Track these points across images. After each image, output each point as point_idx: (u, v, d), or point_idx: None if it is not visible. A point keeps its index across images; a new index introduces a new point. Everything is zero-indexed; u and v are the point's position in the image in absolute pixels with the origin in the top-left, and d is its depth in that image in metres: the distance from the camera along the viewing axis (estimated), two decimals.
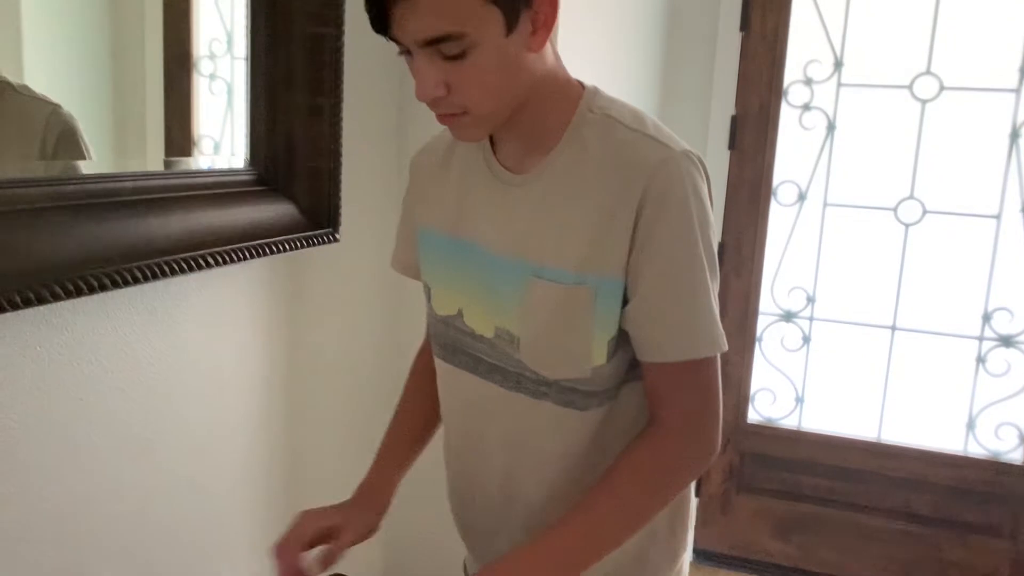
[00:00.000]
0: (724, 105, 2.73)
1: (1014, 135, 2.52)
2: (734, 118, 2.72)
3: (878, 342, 2.74)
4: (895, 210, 2.65)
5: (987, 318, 2.62)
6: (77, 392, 1.09)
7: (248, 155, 1.41)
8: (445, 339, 1.12)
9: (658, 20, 2.63)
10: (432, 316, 1.14)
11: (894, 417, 2.76)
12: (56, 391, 1.06)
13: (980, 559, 2.68)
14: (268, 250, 1.34)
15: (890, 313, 2.71)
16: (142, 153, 1.29)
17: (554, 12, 0.92)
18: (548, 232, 1.00)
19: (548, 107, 1.00)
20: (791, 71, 2.67)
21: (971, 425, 2.69)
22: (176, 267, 1.15)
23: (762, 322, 2.83)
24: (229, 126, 1.41)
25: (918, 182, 2.62)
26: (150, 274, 1.10)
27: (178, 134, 1.34)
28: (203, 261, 1.20)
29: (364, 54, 1.54)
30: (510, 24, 0.89)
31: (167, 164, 1.30)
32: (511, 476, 1.11)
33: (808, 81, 2.68)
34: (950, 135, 2.59)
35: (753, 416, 2.88)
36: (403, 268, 1.24)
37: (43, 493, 1.06)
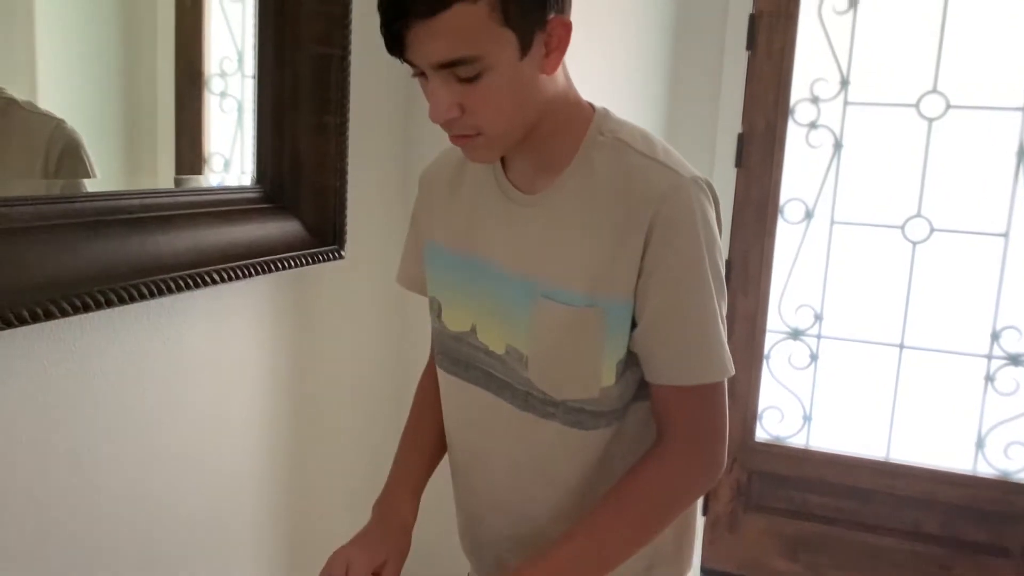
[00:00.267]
0: (731, 123, 2.74)
1: (1021, 153, 2.52)
2: (741, 136, 2.73)
3: (886, 360, 2.73)
4: (902, 228, 2.65)
5: (995, 336, 2.61)
6: (84, 407, 1.10)
7: (255, 173, 1.42)
8: (457, 355, 1.12)
9: (665, 40, 2.65)
10: (443, 332, 1.14)
11: (903, 436, 2.74)
12: (63, 406, 1.07)
13: None
14: (274, 267, 1.35)
15: (898, 331, 2.71)
16: (153, 170, 1.31)
17: (567, 35, 0.93)
18: (557, 253, 1.00)
19: (560, 128, 1.00)
20: (797, 89, 2.68)
21: (980, 444, 2.67)
22: (183, 283, 1.16)
23: (769, 340, 2.82)
24: (239, 143, 1.43)
25: (925, 200, 2.62)
26: (157, 290, 1.11)
27: (189, 151, 1.36)
28: (209, 278, 1.21)
29: (370, 74, 1.56)
30: (524, 47, 0.90)
31: (177, 182, 1.32)
32: (518, 492, 1.11)
33: (815, 99, 2.69)
34: (957, 153, 2.59)
35: (761, 434, 2.87)
36: (409, 283, 1.24)
37: (49, 507, 1.07)
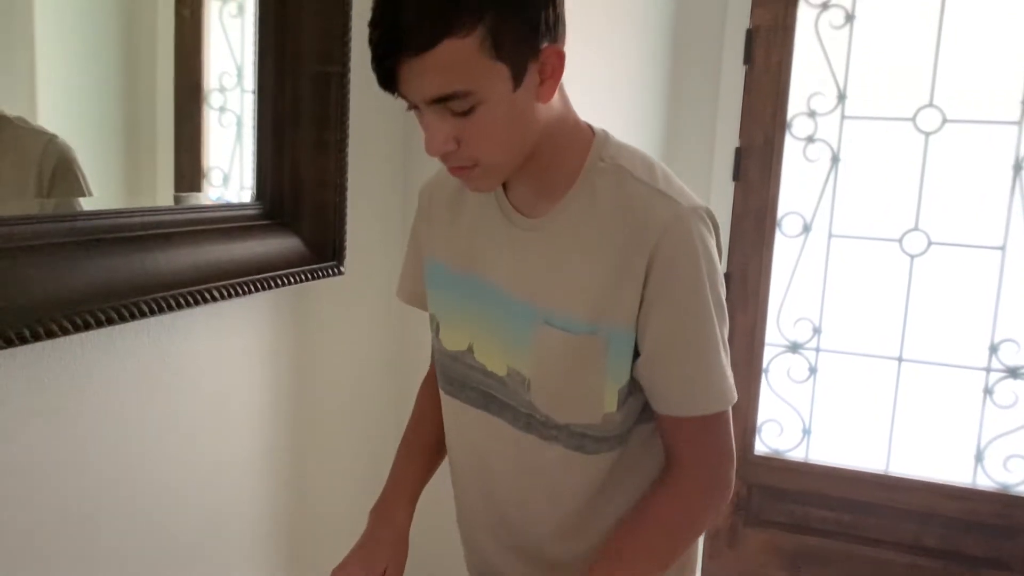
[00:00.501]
0: (728, 137, 2.75)
1: (1017, 167, 2.53)
2: (738, 150, 2.74)
3: (885, 373, 2.74)
4: (900, 241, 2.65)
5: (994, 349, 2.62)
6: (85, 424, 1.10)
7: (255, 189, 1.43)
8: (453, 374, 1.12)
9: (663, 54, 2.66)
10: (440, 351, 1.14)
11: (902, 449, 2.74)
12: (64, 424, 1.07)
13: None
14: (274, 283, 1.35)
15: (896, 344, 2.71)
16: (152, 185, 1.31)
17: (561, 63, 0.93)
18: (558, 279, 1.00)
19: (559, 153, 1.00)
20: (795, 104, 2.69)
21: (979, 457, 2.67)
22: (183, 301, 1.16)
23: (768, 353, 2.83)
24: (238, 158, 1.43)
25: (923, 213, 2.62)
26: (157, 308, 1.11)
27: (188, 166, 1.36)
28: (209, 295, 1.21)
29: (369, 91, 1.55)
30: (517, 78, 0.89)
31: (177, 198, 1.32)
32: (520, 509, 1.11)
33: (812, 113, 2.70)
34: (954, 167, 2.60)
35: (760, 448, 2.87)
36: (410, 298, 1.24)
37: (51, 525, 1.07)
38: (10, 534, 1.01)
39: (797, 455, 2.85)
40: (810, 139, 2.71)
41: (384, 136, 1.70)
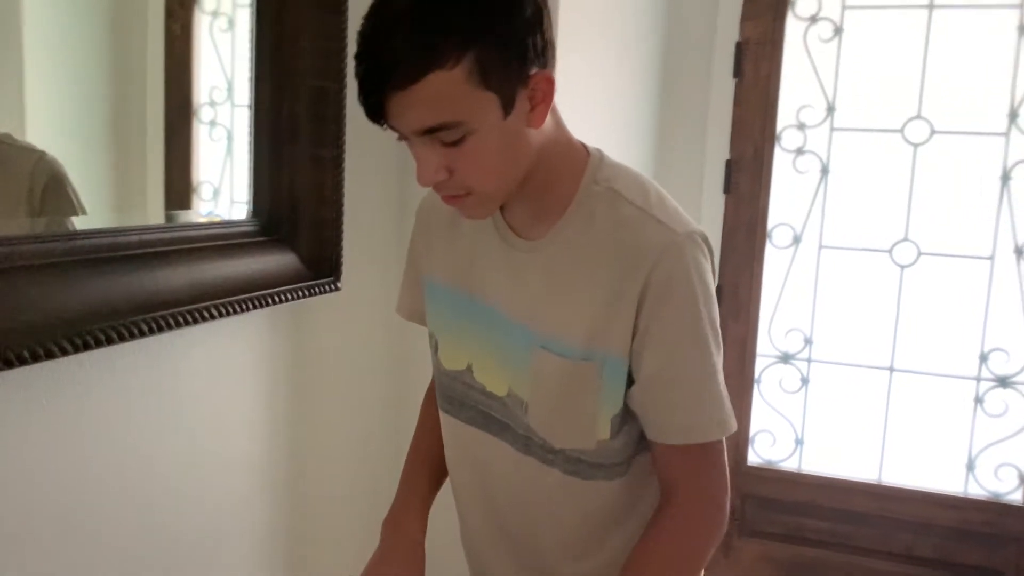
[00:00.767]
0: (719, 150, 2.76)
1: (1005, 177, 2.55)
2: (728, 162, 2.76)
3: (876, 383, 2.75)
4: (890, 252, 2.67)
5: (984, 359, 2.63)
6: (83, 445, 1.09)
7: (251, 206, 1.42)
8: (452, 393, 1.12)
9: (653, 68, 2.67)
10: (439, 370, 1.13)
11: (894, 459, 2.75)
12: (62, 444, 1.06)
13: None
14: (271, 300, 1.35)
15: (887, 354, 2.72)
16: (143, 202, 1.30)
17: (551, 88, 0.91)
18: (555, 303, 0.99)
19: (553, 174, 0.99)
20: (784, 116, 2.71)
21: (971, 466, 2.68)
22: (180, 320, 1.15)
23: (760, 364, 2.83)
24: (228, 172, 1.43)
25: (912, 224, 2.64)
26: (155, 327, 1.11)
27: (179, 181, 1.36)
28: (208, 313, 1.21)
29: None
30: (507, 106, 0.88)
31: (168, 216, 1.32)
32: (522, 528, 1.11)
33: (801, 126, 2.71)
34: (942, 178, 2.62)
35: (753, 458, 2.87)
36: (410, 315, 1.24)
37: (51, 544, 1.06)
38: (11, 553, 1.00)
39: (790, 465, 2.86)
40: (800, 151, 2.72)
41: (380, 152, 1.70)
